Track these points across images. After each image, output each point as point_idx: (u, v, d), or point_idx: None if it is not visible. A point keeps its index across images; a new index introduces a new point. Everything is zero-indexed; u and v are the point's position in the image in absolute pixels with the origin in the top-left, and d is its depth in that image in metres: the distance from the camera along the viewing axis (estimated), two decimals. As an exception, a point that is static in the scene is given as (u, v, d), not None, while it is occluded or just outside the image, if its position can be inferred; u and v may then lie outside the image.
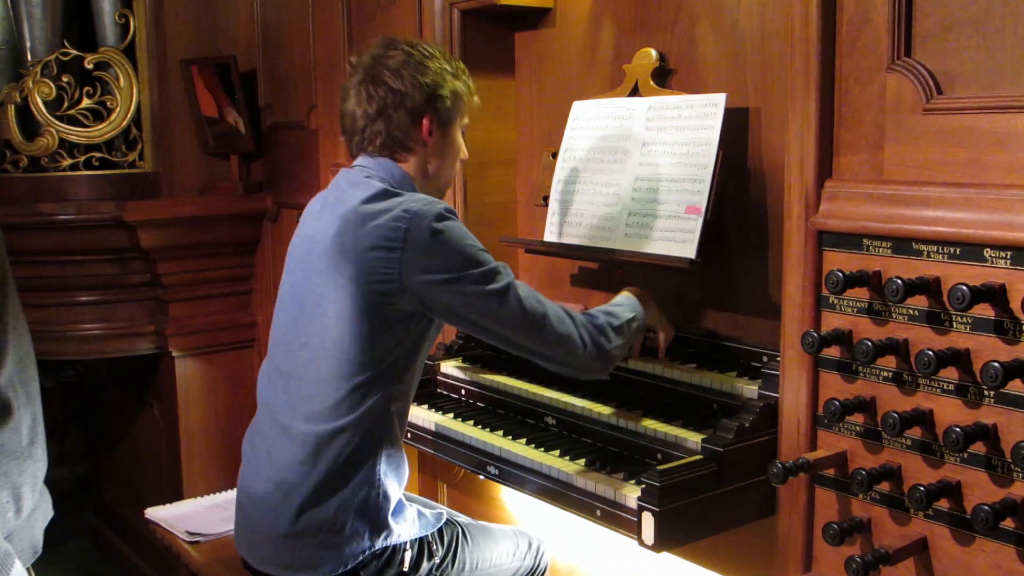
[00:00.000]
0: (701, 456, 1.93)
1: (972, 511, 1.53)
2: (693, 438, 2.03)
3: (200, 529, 2.69)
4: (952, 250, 1.60)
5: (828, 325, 1.79)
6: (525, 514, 2.83)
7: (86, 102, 3.92)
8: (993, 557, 1.57)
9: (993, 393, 1.55)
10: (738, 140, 2.27)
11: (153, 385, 4.24)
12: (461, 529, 2.29)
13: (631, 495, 1.90)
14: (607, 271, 2.67)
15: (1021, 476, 1.52)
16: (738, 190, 2.28)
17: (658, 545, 1.83)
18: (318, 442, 2.04)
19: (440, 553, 2.20)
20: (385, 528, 2.10)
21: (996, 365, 1.48)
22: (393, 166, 2.16)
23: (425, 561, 2.17)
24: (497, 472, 2.27)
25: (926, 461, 1.66)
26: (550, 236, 2.59)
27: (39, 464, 1.39)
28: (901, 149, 1.68)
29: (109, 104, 3.94)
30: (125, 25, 3.95)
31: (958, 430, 1.54)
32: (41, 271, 3.87)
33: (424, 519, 2.22)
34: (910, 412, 1.64)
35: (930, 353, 1.57)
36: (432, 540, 2.20)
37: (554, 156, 2.65)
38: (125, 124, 3.96)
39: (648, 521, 1.82)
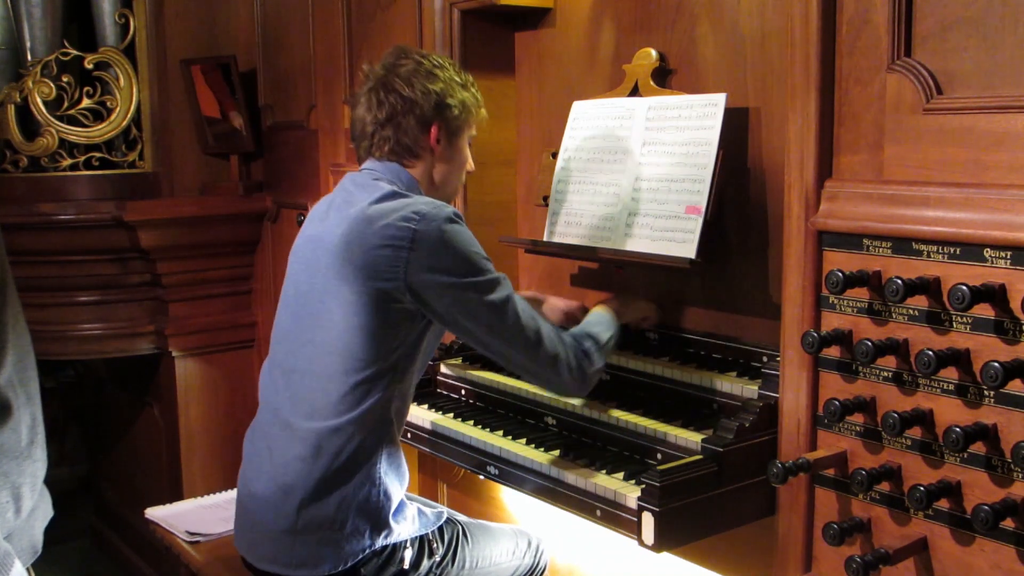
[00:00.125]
0: (701, 456, 1.93)
1: (972, 511, 1.53)
2: (693, 438, 2.03)
3: (200, 529, 2.69)
4: (952, 250, 1.60)
5: (828, 325, 1.79)
6: (525, 514, 2.83)
7: (86, 102, 3.92)
8: (993, 557, 1.57)
9: (993, 393, 1.55)
10: (738, 140, 2.27)
11: (153, 385, 4.24)
12: (461, 528, 2.29)
13: (631, 495, 1.90)
14: (607, 271, 2.67)
15: (1021, 476, 1.52)
16: (738, 190, 2.28)
17: (658, 545, 1.83)
18: (319, 439, 2.05)
19: (440, 551, 2.21)
20: (386, 527, 2.10)
21: (996, 365, 1.48)
22: (401, 170, 2.18)
23: (425, 559, 2.17)
24: (497, 472, 2.27)
25: (926, 461, 1.66)
26: (550, 236, 2.58)
27: (39, 464, 1.39)
28: (901, 149, 1.68)
29: (109, 104, 3.94)
30: (125, 25, 3.96)
31: (958, 430, 1.54)
32: (41, 271, 3.87)
33: (424, 517, 2.23)
34: (910, 412, 1.64)
35: (930, 353, 1.57)
36: (432, 538, 2.21)
37: (554, 156, 2.65)
38: (125, 124, 3.96)
39: (648, 521, 1.82)
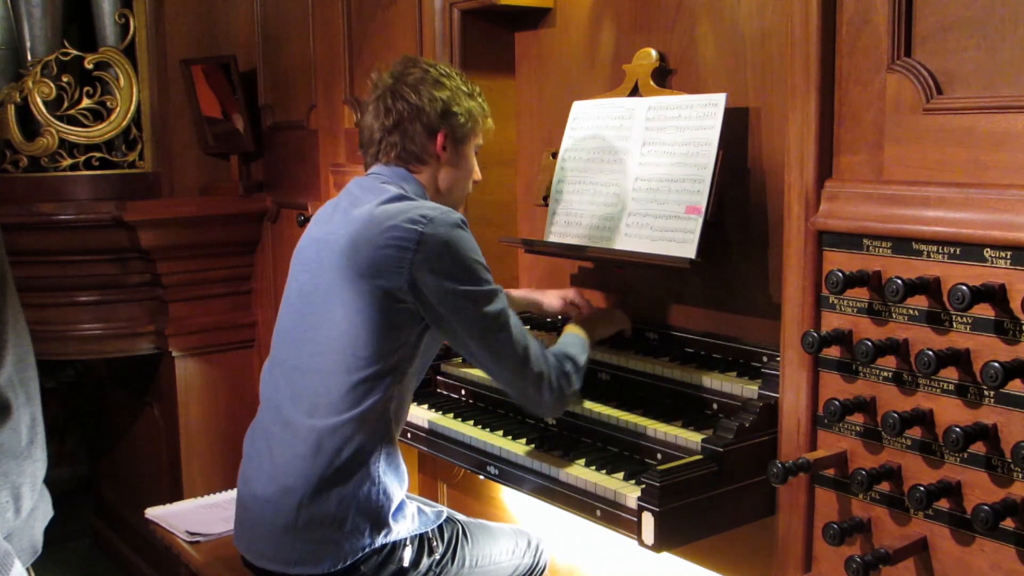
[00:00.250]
0: (701, 456, 1.93)
1: (972, 511, 1.53)
2: (693, 438, 2.03)
3: (200, 529, 2.69)
4: (952, 250, 1.60)
5: (828, 325, 1.79)
6: (525, 514, 2.83)
7: (86, 102, 3.92)
8: (993, 557, 1.57)
9: (993, 393, 1.55)
10: (738, 140, 2.27)
11: (153, 385, 4.24)
12: (461, 527, 2.30)
13: (631, 495, 1.90)
14: (607, 271, 2.67)
15: (1021, 476, 1.52)
16: (738, 190, 2.28)
17: (658, 545, 1.83)
18: (319, 437, 2.06)
19: (440, 550, 2.21)
20: (385, 526, 2.10)
21: (996, 365, 1.48)
22: (407, 175, 2.21)
23: (425, 557, 2.18)
24: (497, 472, 2.27)
25: (926, 461, 1.66)
26: (550, 236, 2.58)
27: (39, 464, 1.39)
28: (901, 149, 1.68)
29: (109, 104, 3.94)
30: (125, 25, 3.96)
31: (958, 430, 1.54)
32: (41, 271, 3.87)
33: (424, 516, 2.23)
34: (910, 412, 1.64)
35: (930, 353, 1.57)
36: (432, 537, 2.21)
37: (554, 156, 2.65)
38: (125, 124, 3.96)
39: (648, 521, 1.82)
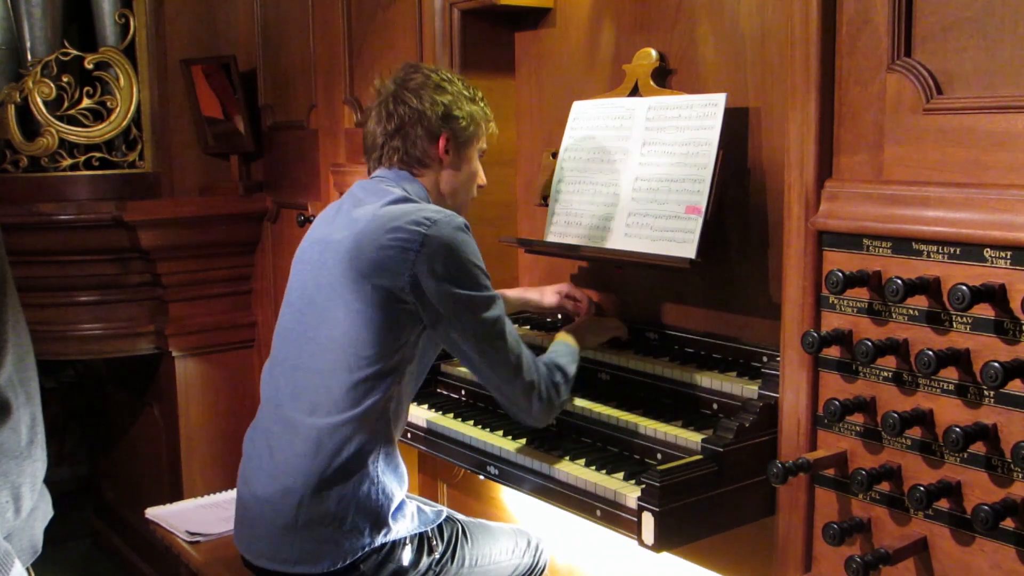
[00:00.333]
0: (701, 456, 1.93)
1: (972, 511, 1.53)
2: (693, 438, 2.03)
3: (200, 529, 2.69)
4: (952, 250, 1.60)
5: (828, 325, 1.79)
6: (525, 514, 2.83)
7: (86, 102, 3.92)
8: (993, 557, 1.57)
9: (993, 393, 1.55)
10: (738, 140, 2.27)
11: (153, 385, 4.24)
12: (461, 526, 2.30)
13: (631, 495, 1.90)
14: (607, 271, 2.67)
15: (1021, 476, 1.52)
16: (738, 190, 2.28)
17: (658, 545, 1.83)
18: (320, 436, 2.06)
19: (440, 549, 2.21)
20: (385, 525, 2.10)
21: (996, 365, 1.48)
22: (410, 178, 2.22)
23: (424, 557, 2.18)
24: (497, 472, 2.27)
25: (926, 461, 1.66)
26: (550, 236, 2.58)
27: (39, 464, 1.39)
28: (901, 149, 1.68)
29: (109, 104, 3.94)
30: (125, 25, 3.95)
31: (958, 430, 1.54)
32: (41, 271, 3.87)
33: (423, 515, 2.23)
34: (910, 412, 1.64)
35: (930, 353, 1.57)
36: (432, 536, 2.21)
37: (554, 156, 2.64)
38: (125, 124, 3.96)
39: (648, 521, 1.82)
